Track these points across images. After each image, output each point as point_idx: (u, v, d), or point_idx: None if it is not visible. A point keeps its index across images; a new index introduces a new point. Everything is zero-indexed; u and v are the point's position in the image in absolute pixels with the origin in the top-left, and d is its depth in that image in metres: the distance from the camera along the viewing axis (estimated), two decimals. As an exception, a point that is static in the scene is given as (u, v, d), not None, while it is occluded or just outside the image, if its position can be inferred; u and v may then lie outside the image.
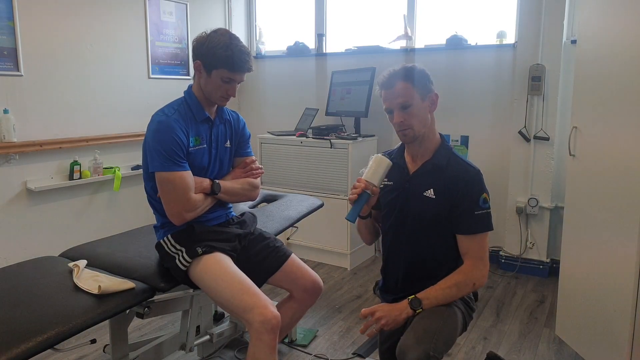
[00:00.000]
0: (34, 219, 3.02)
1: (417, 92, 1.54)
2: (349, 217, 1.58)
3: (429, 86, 1.57)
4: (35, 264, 1.84)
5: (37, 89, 2.97)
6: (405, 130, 1.56)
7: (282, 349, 2.37)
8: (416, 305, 1.48)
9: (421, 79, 1.56)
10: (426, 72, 1.59)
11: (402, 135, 1.58)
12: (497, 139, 3.42)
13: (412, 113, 1.54)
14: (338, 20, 4.12)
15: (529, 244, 3.31)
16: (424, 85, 1.56)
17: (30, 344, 1.30)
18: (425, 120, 1.58)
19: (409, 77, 1.54)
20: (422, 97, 1.56)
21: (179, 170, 1.67)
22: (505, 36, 3.38)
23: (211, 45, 1.68)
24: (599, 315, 2.06)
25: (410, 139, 1.57)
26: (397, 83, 1.54)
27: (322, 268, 3.47)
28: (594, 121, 2.11)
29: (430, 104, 1.58)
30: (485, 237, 1.56)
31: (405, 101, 1.53)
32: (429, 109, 1.58)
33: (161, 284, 1.73)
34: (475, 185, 1.54)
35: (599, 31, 2.09)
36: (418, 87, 1.55)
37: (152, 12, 3.61)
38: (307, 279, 1.92)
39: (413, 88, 1.54)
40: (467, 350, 2.36)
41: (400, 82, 1.54)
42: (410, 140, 1.58)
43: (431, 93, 1.58)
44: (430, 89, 1.58)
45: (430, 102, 1.58)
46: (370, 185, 1.53)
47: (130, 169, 3.52)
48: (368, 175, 1.55)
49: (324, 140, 3.44)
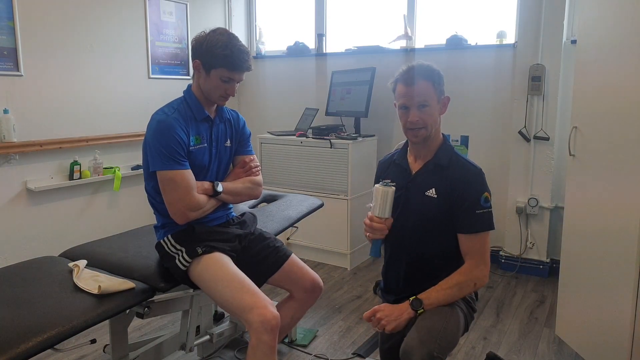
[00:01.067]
0: (34, 219, 3.02)
1: (436, 93, 1.55)
2: (374, 254, 1.61)
3: (443, 88, 1.58)
4: (35, 264, 1.84)
5: (37, 89, 2.97)
6: (419, 130, 1.55)
7: (282, 349, 2.37)
8: (417, 306, 1.48)
9: (439, 80, 1.57)
10: (441, 74, 1.59)
11: (413, 134, 1.57)
12: (497, 139, 3.42)
13: (428, 113, 1.54)
14: (338, 20, 4.12)
15: (529, 244, 3.31)
16: (441, 86, 1.57)
17: (30, 344, 1.30)
18: (437, 122, 1.59)
19: (430, 77, 1.54)
20: (438, 98, 1.56)
21: (180, 169, 1.67)
22: (505, 36, 3.38)
23: (210, 44, 1.68)
24: (599, 315, 2.06)
25: (421, 139, 1.57)
26: (419, 81, 1.53)
27: (322, 268, 3.47)
28: (594, 121, 2.11)
29: (442, 106, 1.59)
30: (486, 236, 1.56)
31: (425, 100, 1.53)
32: (440, 110, 1.59)
33: (161, 284, 1.73)
34: (477, 185, 1.54)
35: (599, 31, 2.09)
36: (437, 87, 1.55)
37: (152, 12, 3.61)
38: (307, 279, 1.92)
39: (433, 87, 1.54)
40: (467, 350, 2.36)
41: (423, 81, 1.53)
42: (421, 141, 1.58)
43: (444, 96, 1.59)
44: (443, 90, 1.58)
45: (442, 105, 1.59)
46: (388, 221, 1.56)
47: (130, 169, 3.52)
48: (380, 212, 1.55)
49: (324, 140, 3.44)
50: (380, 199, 1.54)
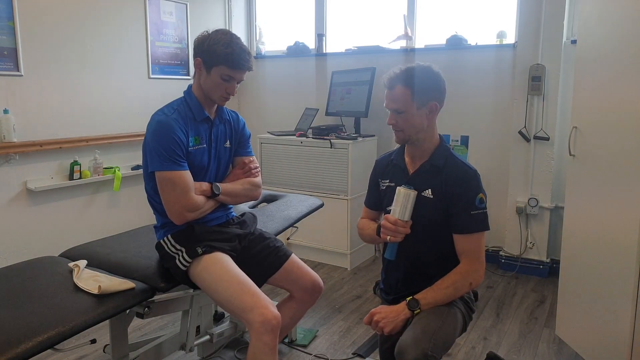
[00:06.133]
0: (34, 219, 3.02)
1: (415, 99, 1.53)
2: (390, 256, 1.62)
3: (430, 94, 1.55)
4: (35, 264, 1.84)
5: (37, 89, 2.97)
6: (397, 132, 1.60)
7: (282, 349, 2.37)
8: (414, 306, 1.49)
9: (423, 86, 1.53)
10: (437, 78, 1.56)
11: (394, 134, 1.62)
12: (497, 139, 3.42)
13: (404, 118, 1.55)
14: (338, 20, 4.12)
15: (529, 244, 3.31)
16: (424, 92, 1.53)
17: (30, 344, 1.30)
18: (420, 126, 1.56)
19: (409, 82, 1.52)
20: (419, 105, 1.54)
21: (178, 170, 1.67)
22: (505, 36, 3.38)
23: (212, 42, 1.69)
24: (599, 315, 2.06)
25: (400, 140, 1.62)
26: (396, 86, 1.54)
27: (322, 268, 3.47)
28: (594, 121, 2.11)
29: (428, 111, 1.56)
30: (481, 236, 1.56)
31: (399, 108, 1.54)
32: (426, 116, 1.56)
33: (161, 284, 1.73)
34: (472, 186, 1.55)
35: (599, 31, 2.09)
36: (418, 94, 1.52)
37: (152, 12, 3.61)
38: (307, 279, 1.92)
39: (411, 95, 1.52)
40: (467, 350, 2.36)
41: (400, 87, 1.53)
42: (401, 141, 1.63)
43: (431, 102, 1.55)
44: (431, 97, 1.55)
45: (429, 110, 1.56)
46: (408, 223, 1.56)
47: (130, 169, 3.52)
48: (402, 214, 1.55)
49: (324, 140, 3.44)
50: (404, 202, 1.54)
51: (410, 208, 1.55)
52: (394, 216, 1.56)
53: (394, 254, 1.61)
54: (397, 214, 1.55)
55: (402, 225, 1.55)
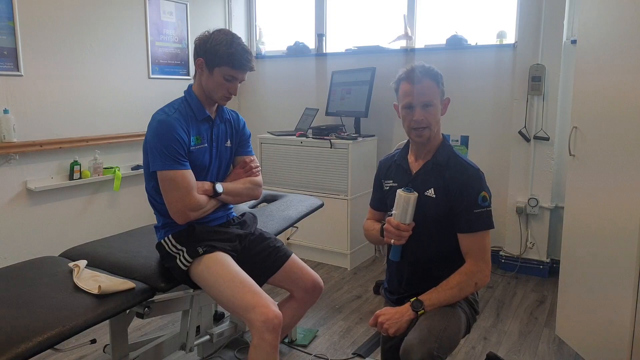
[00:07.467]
0: (34, 219, 3.02)
1: (439, 93, 1.58)
2: (395, 257, 1.62)
3: (444, 89, 1.60)
4: (35, 264, 1.84)
5: (37, 89, 2.97)
6: (423, 130, 1.56)
7: (282, 349, 2.37)
8: (418, 307, 1.49)
9: (442, 81, 1.59)
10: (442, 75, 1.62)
11: (416, 134, 1.58)
12: (497, 139, 3.42)
13: (432, 112, 1.56)
14: (338, 20, 4.12)
15: (529, 244, 3.31)
16: (443, 87, 1.59)
17: (30, 344, 1.30)
18: (439, 123, 1.61)
19: (434, 77, 1.57)
20: (441, 99, 1.59)
21: (181, 169, 1.67)
22: (505, 36, 3.38)
23: (214, 42, 1.69)
24: (599, 315, 2.06)
25: (425, 138, 1.58)
26: (424, 80, 1.55)
27: (322, 268, 3.47)
28: (594, 121, 2.11)
29: (443, 107, 1.61)
30: (486, 235, 1.56)
31: (430, 100, 1.55)
32: (441, 112, 1.61)
33: (161, 284, 1.73)
34: (474, 184, 1.55)
35: (599, 31, 2.10)
36: (440, 88, 1.58)
37: (152, 12, 3.61)
38: (307, 279, 1.92)
39: (437, 88, 1.56)
40: (467, 350, 2.36)
41: (429, 80, 1.55)
42: (425, 140, 1.59)
43: (445, 97, 1.61)
44: (444, 92, 1.60)
45: (443, 106, 1.61)
46: (411, 226, 1.56)
47: (130, 169, 3.51)
48: (403, 217, 1.56)
49: (324, 141, 3.44)
50: (405, 206, 1.55)
51: (411, 211, 1.55)
52: (396, 220, 1.56)
53: (399, 255, 1.61)
54: (399, 218, 1.56)
55: (405, 228, 1.55)
